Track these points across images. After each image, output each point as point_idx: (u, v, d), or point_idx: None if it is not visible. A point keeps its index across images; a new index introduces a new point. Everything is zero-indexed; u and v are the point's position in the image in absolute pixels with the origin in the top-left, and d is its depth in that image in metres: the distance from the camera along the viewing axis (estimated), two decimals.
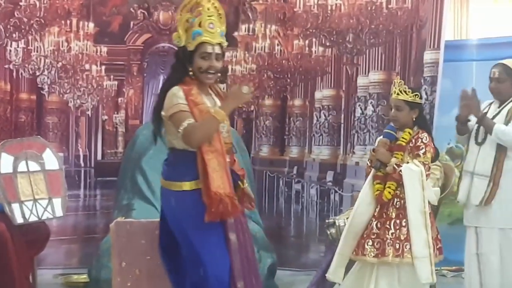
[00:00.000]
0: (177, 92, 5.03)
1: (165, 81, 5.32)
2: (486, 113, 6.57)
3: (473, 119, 6.64)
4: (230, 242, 5.13)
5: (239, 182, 5.26)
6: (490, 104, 6.74)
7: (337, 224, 7.12)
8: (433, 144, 6.09)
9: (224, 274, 5.05)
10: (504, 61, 6.73)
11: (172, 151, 5.19)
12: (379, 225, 5.96)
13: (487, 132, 6.48)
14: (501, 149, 6.50)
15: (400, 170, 5.86)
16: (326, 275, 6.22)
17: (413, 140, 6.00)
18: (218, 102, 5.21)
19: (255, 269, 5.37)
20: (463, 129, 6.73)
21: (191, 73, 5.12)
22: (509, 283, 6.58)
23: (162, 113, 5.08)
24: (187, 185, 5.09)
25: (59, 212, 7.13)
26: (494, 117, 6.57)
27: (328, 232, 7.21)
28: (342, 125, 8.77)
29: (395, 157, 5.95)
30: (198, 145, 4.99)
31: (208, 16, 5.10)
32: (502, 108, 6.61)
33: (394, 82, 6.17)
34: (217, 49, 5.14)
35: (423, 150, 5.95)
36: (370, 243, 5.93)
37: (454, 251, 6.54)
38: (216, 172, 4.96)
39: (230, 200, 4.97)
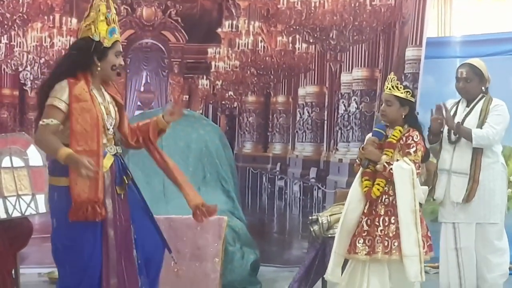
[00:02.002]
0: (63, 86, 5.01)
1: (57, 69, 5.23)
2: (460, 122, 6.67)
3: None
4: (108, 237, 5.12)
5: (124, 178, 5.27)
6: (458, 102, 6.89)
7: (320, 221, 7.14)
8: (424, 143, 6.12)
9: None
10: (470, 61, 6.89)
11: None
12: (369, 222, 5.98)
13: (467, 139, 6.58)
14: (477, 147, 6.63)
15: (391, 169, 5.89)
16: (325, 276, 6.24)
17: (404, 138, 6.01)
18: (108, 97, 5.22)
19: (133, 270, 5.29)
20: (435, 139, 6.85)
21: (99, 69, 5.12)
22: (483, 274, 6.73)
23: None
24: (62, 181, 5.06)
25: (42, 209, 7.14)
26: (466, 116, 6.71)
27: (311, 229, 7.23)
28: (326, 122, 8.80)
29: (386, 154, 5.98)
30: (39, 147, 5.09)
31: (115, 14, 5.22)
32: (473, 107, 6.76)
33: (388, 78, 6.20)
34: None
35: (414, 148, 5.96)
36: (361, 241, 5.95)
37: (437, 248, 6.58)
38: (80, 176, 4.89)
39: (92, 206, 4.95)
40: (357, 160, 6.26)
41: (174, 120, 5.50)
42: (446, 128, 6.79)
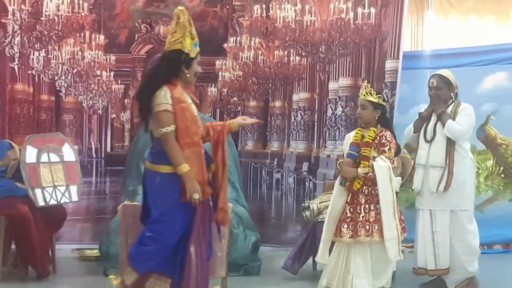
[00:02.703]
0: (165, 92, 5.17)
1: (153, 77, 5.31)
2: (434, 124, 6.78)
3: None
4: (197, 213, 5.27)
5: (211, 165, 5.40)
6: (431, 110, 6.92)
7: (311, 207, 7.19)
8: (395, 141, 6.15)
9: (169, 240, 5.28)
10: (440, 72, 6.98)
11: (158, 140, 5.30)
12: (351, 210, 6.02)
13: (442, 125, 6.67)
14: (450, 143, 6.70)
15: (371, 175, 5.92)
16: (315, 259, 6.27)
17: (378, 138, 6.04)
18: (189, 99, 5.35)
19: (207, 239, 5.45)
20: (419, 126, 6.94)
21: (188, 76, 5.28)
22: (455, 252, 6.79)
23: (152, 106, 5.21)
24: (167, 169, 5.21)
25: (75, 197, 7.20)
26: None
27: (304, 214, 7.29)
28: (316, 123, 8.77)
29: (363, 166, 5.99)
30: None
31: (194, 30, 5.31)
32: None
33: (362, 86, 6.23)
34: None
35: (388, 146, 6.01)
36: (346, 226, 5.99)
37: (410, 231, 6.61)
38: (191, 162, 5.15)
39: (202, 187, 5.17)
40: (338, 166, 6.27)
41: (244, 125, 5.84)
42: (422, 129, 6.88)
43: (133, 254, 5.37)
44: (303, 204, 7.39)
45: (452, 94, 6.93)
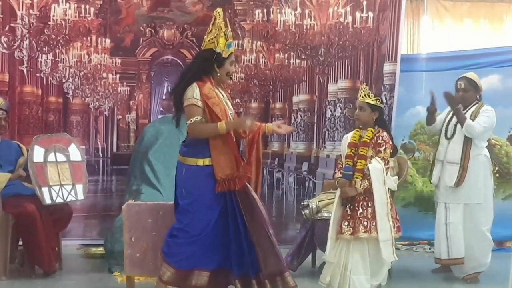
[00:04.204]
0: (195, 88, 5.27)
1: (187, 74, 5.43)
2: (459, 108, 6.90)
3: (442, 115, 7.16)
4: (254, 198, 5.37)
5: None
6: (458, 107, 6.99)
7: (310, 206, 7.14)
8: (392, 142, 6.10)
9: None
10: (467, 74, 7.10)
11: (187, 133, 5.41)
12: (351, 207, 5.97)
13: (460, 123, 6.84)
14: (467, 142, 6.89)
15: (366, 185, 5.88)
16: (323, 257, 6.22)
17: (375, 138, 6.00)
18: (225, 95, 5.46)
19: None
20: (432, 119, 7.18)
21: (219, 74, 5.37)
22: (469, 244, 6.96)
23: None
24: (200, 161, 5.30)
25: (80, 196, 7.17)
26: None
27: (303, 213, 7.24)
28: (315, 124, 8.75)
29: (361, 153, 5.95)
30: (198, 138, 5.27)
31: (230, 31, 5.44)
32: (467, 111, 6.96)
33: (361, 88, 6.18)
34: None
35: (384, 147, 5.95)
36: (346, 223, 5.95)
37: (406, 229, 6.57)
38: (223, 154, 5.26)
39: (237, 177, 5.27)
40: (337, 173, 6.20)
41: (278, 133, 5.84)
42: (444, 126, 7.06)
43: (166, 250, 5.42)
44: (302, 203, 7.35)
45: (478, 96, 7.08)
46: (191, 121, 5.26)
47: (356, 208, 5.97)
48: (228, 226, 5.35)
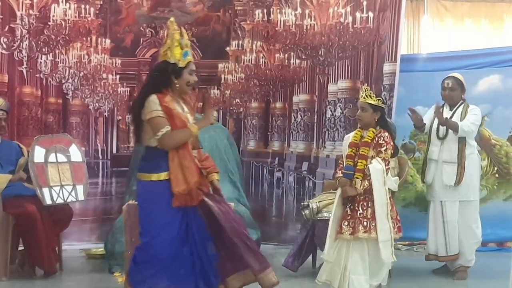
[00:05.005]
0: (154, 100, 5.07)
1: (144, 88, 5.27)
2: (446, 119, 6.97)
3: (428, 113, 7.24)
4: (216, 210, 5.19)
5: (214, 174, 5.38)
6: (442, 106, 7.12)
7: (310, 206, 7.12)
8: (393, 142, 6.10)
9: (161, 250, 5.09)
10: (454, 74, 7.18)
11: (147, 148, 5.21)
12: (351, 207, 5.97)
13: (454, 132, 6.93)
14: (461, 141, 6.98)
15: (365, 184, 5.88)
16: (322, 256, 6.21)
17: (376, 138, 6.00)
18: (186, 108, 5.25)
19: (243, 224, 5.41)
20: (420, 130, 7.39)
21: (177, 86, 5.17)
22: (464, 240, 7.06)
23: (142, 116, 5.12)
24: (154, 176, 5.11)
25: (81, 197, 7.17)
26: (450, 117, 7.02)
27: (303, 213, 7.22)
28: (315, 124, 8.74)
29: (362, 153, 5.95)
30: (171, 149, 5.08)
31: (187, 39, 5.24)
32: (455, 110, 7.08)
33: (362, 88, 6.18)
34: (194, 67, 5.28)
35: (385, 147, 5.96)
36: (346, 223, 5.95)
37: (407, 229, 6.57)
38: (182, 167, 5.06)
39: (195, 190, 5.10)
40: (338, 172, 6.21)
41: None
42: (434, 126, 7.13)
43: (131, 274, 5.22)
44: (302, 203, 7.34)
45: (462, 96, 7.18)
46: (162, 131, 5.03)
47: (356, 208, 5.97)
48: (191, 240, 5.18)
